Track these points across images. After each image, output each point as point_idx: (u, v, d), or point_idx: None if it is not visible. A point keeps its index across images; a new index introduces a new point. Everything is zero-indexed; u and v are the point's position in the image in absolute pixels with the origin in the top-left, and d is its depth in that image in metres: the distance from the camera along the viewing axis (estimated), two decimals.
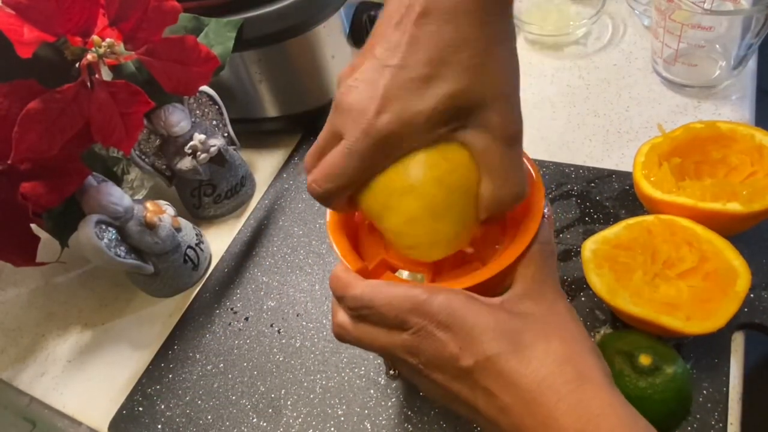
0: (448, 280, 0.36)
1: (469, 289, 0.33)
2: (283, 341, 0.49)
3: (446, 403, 0.33)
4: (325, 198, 0.32)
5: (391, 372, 0.41)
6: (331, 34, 0.58)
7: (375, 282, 0.32)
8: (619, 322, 0.43)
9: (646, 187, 0.44)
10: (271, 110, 0.62)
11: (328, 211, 0.38)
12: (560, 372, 0.29)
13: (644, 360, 0.37)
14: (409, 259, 0.37)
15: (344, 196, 0.32)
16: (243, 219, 0.59)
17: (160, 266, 0.52)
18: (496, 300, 0.33)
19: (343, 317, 0.34)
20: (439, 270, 0.37)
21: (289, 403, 0.45)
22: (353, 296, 0.32)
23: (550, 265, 0.34)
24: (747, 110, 0.56)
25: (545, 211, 0.35)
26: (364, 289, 0.32)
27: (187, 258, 0.53)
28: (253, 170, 0.62)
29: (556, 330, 0.31)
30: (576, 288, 0.46)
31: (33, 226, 0.48)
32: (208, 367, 0.48)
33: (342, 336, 0.34)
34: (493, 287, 0.35)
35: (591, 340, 0.31)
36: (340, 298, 0.33)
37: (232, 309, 0.52)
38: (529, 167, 0.37)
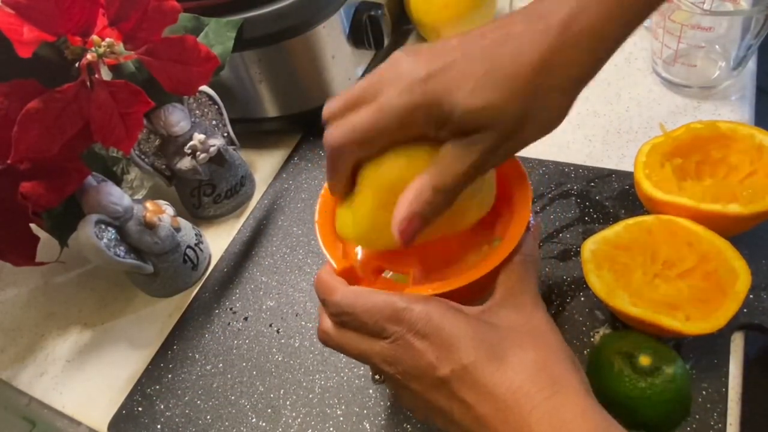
0: (434, 282, 0.36)
1: (446, 294, 0.33)
2: (282, 341, 0.49)
3: (424, 413, 0.33)
4: (337, 152, 0.32)
5: (377, 377, 0.42)
6: (331, 34, 0.58)
7: (356, 288, 0.33)
8: (619, 322, 0.43)
9: (647, 187, 0.44)
10: (271, 110, 0.62)
11: (317, 209, 0.39)
12: (534, 380, 0.29)
13: (644, 360, 0.37)
14: (395, 260, 0.37)
15: (354, 157, 0.32)
16: (242, 219, 0.59)
17: (159, 266, 0.52)
18: (476, 309, 0.33)
19: (326, 322, 0.34)
20: (426, 273, 0.37)
21: (288, 403, 0.45)
22: (334, 301, 0.32)
23: (531, 275, 0.34)
24: (746, 110, 0.56)
25: (531, 221, 0.36)
26: (345, 294, 0.32)
27: (186, 258, 0.53)
28: (252, 170, 0.62)
29: (533, 339, 0.31)
30: (575, 288, 0.46)
31: (33, 225, 0.48)
32: (208, 367, 0.48)
33: (325, 341, 0.34)
34: (472, 294, 0.35)
35: (569, 349, 0.32)
36: (323, 302, 0.33)
37: (231, 309, 0.52)
38: (523, 173, 0.37)
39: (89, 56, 0.42)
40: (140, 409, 0.47)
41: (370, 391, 0.44)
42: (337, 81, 0.62)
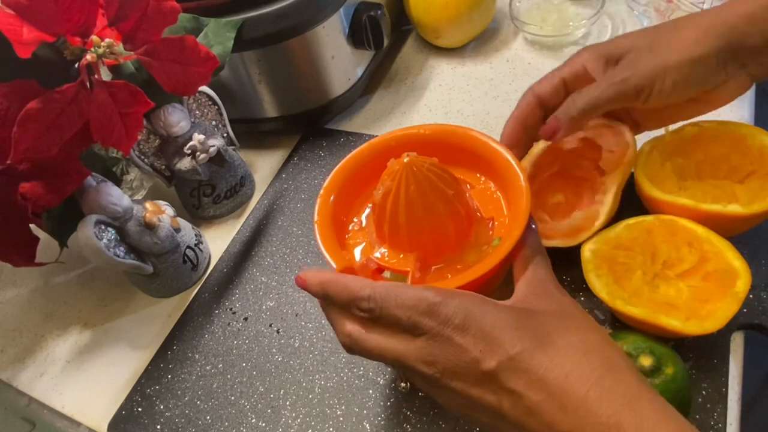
0: (433, 282, 0.36)
1: (458, 289, 0.33)
2: (282, 341, 0.49)
3: (467, 412, 0.32)
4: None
5: (403, 384, 0.40)
6: (330, 34, 0.58)
7: (386, 283, 0.32)
8: (619, 322, 0.43)
9: (648, 187, 0.44)
10: (270, 110, 0.62)
11: (317, 209, 0.39)
12: (586, 361, 0.29)
13: (644, 361, 0.37)
14: (393, 260, 0.37)
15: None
16: (242, 219, 0.59)
17: (159, 266, 0.52)
18: (506, 302, 0.32)
19: (351, 326, 0.32)
20: (425, 273, 0.38)
21: (288, 403, 0.45)
22: (364, 297, 0.31)
23: (544, 266, 0.34)
24: (747, 110, 0.56)
25: (532, 223, 0.36)
26: (376, 289, 0.31)
27: (186, 258, 0.53)
28: (252, 170, 0.62)
29: (572, 322, 0.31)
30: (575, 288, 0.46)
31: (32, 226, 0.48)
32: (207, 368, 0.48)
33: (352, 347, 0.33)
34: (482, 289, 0.35)
35: (604, 330, 0.32)
36: (346, 303, 0.32)
37: (231, 309, 0.52)
38: (520, 173, 0.37)
39: (89, 56, 0.42)
40: (140, 409, 0.47)
41: (370, 391, 0.44)
42: (336, 81, 0.62)
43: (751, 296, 0.42)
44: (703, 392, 0.39)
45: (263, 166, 0.64)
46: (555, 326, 0.30)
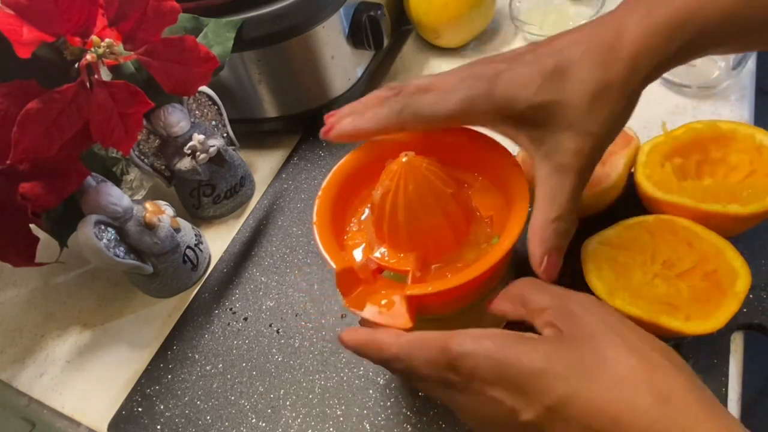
0: (433, 281, 0.36)
1: (447, 291, 0.33)
2: (282, 341, 0.49)
3: None
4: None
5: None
6: (330, 35, 0.58)
7: (407, 337, 0.31)
8: None
9: (648, 187, 0.44)
10: (270, 110, 0.62)
11: (315, 210, 0.39)
12: (636, 400, 0.25)
13: None
14: (393, 260, 0.37)
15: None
16: (242, 219, 0.59)
17: (159, 266, 0.52)
18: (531, 335, 0.30)
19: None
20: (424, 272, 0.38)
21: (288, 403, 0.45)
22: (391, 358, 0.31)
23: (553, 289, 0.33)
24: (746, 111, 0.56)
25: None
26: (401, 348, 0.30)
27: (186, 258, 0.53)
28: (252, 170, 0.62)
29: (617, 346, 0.27)
30: (575, 288, 0.46)
31: (32, 226, 0.48)
32: (207, 368, 0.48)
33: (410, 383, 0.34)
34: (473, 292, 0.36)
35: (657, 340, 0.28)
36: (382, 364, 0.32)
37: (231, 309, 0.52)
38: (518, 172, 0.37)
39: (89, 57, 0.42)
40: (140, 409, 0.47)
41: (370, 391, 0.44)
42: (336, 81, 0.62)
43: (751, 296, 0.42)
44: None
45: (263, 166, 0.64)
46: (587, 357, 0.27)
